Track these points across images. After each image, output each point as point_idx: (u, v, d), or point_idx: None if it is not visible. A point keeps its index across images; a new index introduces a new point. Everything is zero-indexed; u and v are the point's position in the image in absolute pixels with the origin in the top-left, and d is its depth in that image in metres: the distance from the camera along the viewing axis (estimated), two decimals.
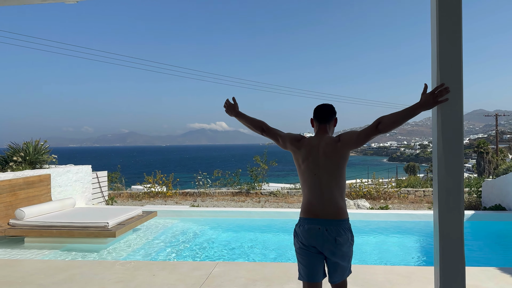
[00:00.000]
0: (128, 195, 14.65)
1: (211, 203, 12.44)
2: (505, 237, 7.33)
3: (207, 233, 7.54)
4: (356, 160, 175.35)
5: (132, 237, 7.09)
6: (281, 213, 8.60)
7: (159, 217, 8.46)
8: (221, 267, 4.77)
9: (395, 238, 7.11)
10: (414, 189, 15.03)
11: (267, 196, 14.01)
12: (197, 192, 14.63)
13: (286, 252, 6.11)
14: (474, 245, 6.80)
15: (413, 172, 69.14)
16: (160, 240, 6.84)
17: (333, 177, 2.54)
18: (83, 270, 4.81)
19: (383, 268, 4.68)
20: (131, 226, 7.03)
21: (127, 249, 6.29)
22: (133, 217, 7.53)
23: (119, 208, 8.06)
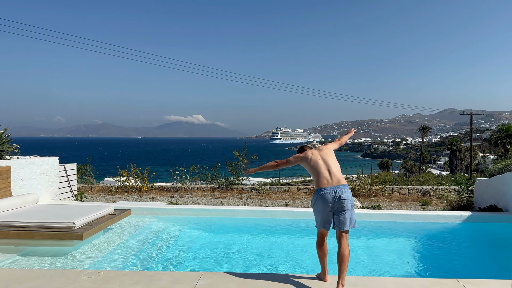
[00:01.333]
0: (99, 189, 13.71)
1: (190, 199, 11.69)
2: (508, 240, 6.93)
3: (188, 235, 6.81)
4: None
5: (102, 239, 6.29)
6: (267, 212, 7.96)
7: (133, 215, 7.68)
8: (206, 280, 4.09)
9: (390, 241, 6.60)
10: (399, 187, 14.71)
11: (249, 192, 13.35)
12: (174, 187, 13.83)
13: (277, 257, 5.48)
14: (474, 249, 6.36)
15: (386, 168, 70.18)
16: (134, 244, 6.08)
17: (332, 159, 4.15)
18: (41, 283, 4.04)
19: (393, 281, 4.11)
20: (101, 226, 6.24)
21: (95, 255, 5.50)
22: (104, 216, 6.73)
23: (88, 206, 7.23)
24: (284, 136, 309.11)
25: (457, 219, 7.75)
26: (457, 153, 64.42)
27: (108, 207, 6.94)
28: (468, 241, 6.81)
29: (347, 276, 4.16)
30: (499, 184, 8.38)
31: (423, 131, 74.88)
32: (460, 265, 5.47)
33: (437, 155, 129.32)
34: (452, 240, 6.78)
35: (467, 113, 50.15)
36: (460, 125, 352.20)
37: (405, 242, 6.53)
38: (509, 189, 7.98)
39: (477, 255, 6.03)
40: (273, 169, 4.46)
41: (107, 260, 5.31)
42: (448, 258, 5.83)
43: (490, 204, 8.56)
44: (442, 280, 4.20)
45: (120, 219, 6.97)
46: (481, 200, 9.12)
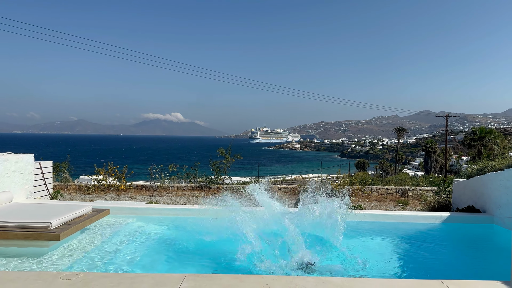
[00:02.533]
0: (76, 187, 13.37)
1: (169, 199, 11.51)
2: (486, 241, 7.09)
3: (169, 235, 6.66)
4: (309, 155, 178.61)
5: (80, 240, 6.09)
6: (247, 212, 7.86)
7: (112, 215, 7.47)
8: (190, 282, 3.98)
9: (373, 241, 6.63)
10: (378, 187, 14.89)
11: (230, 191, 13.26)
12: (153, 186, 13.61)
13: (261, 259, 5.41)
14: (455, 250, 6.46)
15: (363, 168, 71.29)
16: (114, 244, 5.90)
17: None
18: (16, 286, 3.85)
19: (380, 282, 4.10)
20: (79, 226, 6.04)
21: (73, 256, 5.31)
22: (81, 215, 6.52)
23: (65, 205, 6.99)
24: (263, 136, 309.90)
25: (436, 219, 7.86)
26: (432, 155, 65.97)
27: (86, 207, 6.73)
28: (448, 242, 6.93)
29: (332, 277, 4.13)
30: (477, 186, 8.55)
31: (399, 132, 76.34)
32: (442, 265, 5.54)
33: (412, 156, 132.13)
34: (433, 240, 6.88)
35: (442, 115, 51.34)
36: (435, 127, 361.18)
37: (387, 243, 6.58)
38: (486, 190, 8.15)
39: (458, 256, 6.13)
40: None
41: (85, 261, 5.13)
42: (430, 258, 5.90)
43: (468, 205, 8.73)
44: (426, 282, 4.22)
45: (98, 219, 6.77)
46: (459, 201, 9.30)
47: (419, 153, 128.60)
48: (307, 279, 4.19)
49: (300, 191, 13.06)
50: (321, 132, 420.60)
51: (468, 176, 9.27)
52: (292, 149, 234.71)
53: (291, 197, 12.48)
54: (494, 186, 7.87)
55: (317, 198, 9.66)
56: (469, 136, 48.26)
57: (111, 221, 7.19)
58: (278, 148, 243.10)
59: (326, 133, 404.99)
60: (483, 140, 43.96)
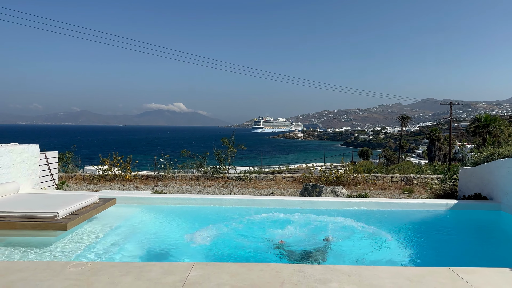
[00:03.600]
0: (81, 178, 13.42)
1: (174, 188, 11.54)
2: (493, 228, 7.06)
3: (175, 224, 6.68)
4: (313, 144, 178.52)
5: (87, 229, 6.11)
6: (255, 201, 7.87)
7: (118, 205, 7.48)
8: (198, 270, 3.98)
9: (380, 229, 6.60)
10: (382, 175, 14.86)
11: (234, 180, 13.27)
12: (158, 175, 13.64)
13: (267, 248, 5.42)
14: (462, 238, 6.43)
15: (366, 157, 71.20)
16: (121, 234, 5.91)
17: None
18: (25, 275, 3.86)
19: (388, 270, 4.08)
20: (85, 216, 6.05)
21: (81, 245, 5.33)
22: (88, 205, 6.53)
23: (71, 195, 7.03)
24: (266, 125, 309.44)
25: (443, 207, 7.83)
26: (436, 142, 65.73)
27: (92, 196, 6.73)
28: (455, 229, 6.90)
29: (340, 266, 4.12)
30: (484, 173, 8.49)
31: (403, 120, 75.98)
32: (450, 253, 5.52)
33: (415, 144, 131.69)
34: (440, 228, 6.85)
35: (446, 103, 50.98)
36: (439, 114, 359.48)
37: (394, 230, 6.55)
38: (493, 177, 8.10)
39: (465, 243, 6.10)
40: None
41: (93, 251, 5.14)
42: (438, 246, 5.88)
43: (475, 192, 8.69)
44: (435, 269, 4.20)
45: (104, 208, 6.78)
46: (466, 189, 9.25)
47: (422, 141, 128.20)
48: (315, 267, 4.18)
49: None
50: (324, 121, 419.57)
51: (475, 163, 9.21)
52: (295, 138, 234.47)
53: (296, 186, 12.49)
54: (502, 173, 7.82)
55: (321, 187, 9.66)
56: (474, 124, 47.93)
57: (118, 210, 7.20)
58: (281, 137, 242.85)
59: (329, 122, 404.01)
60: (488, 127, 43.69)
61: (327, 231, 6.56)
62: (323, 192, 9.09)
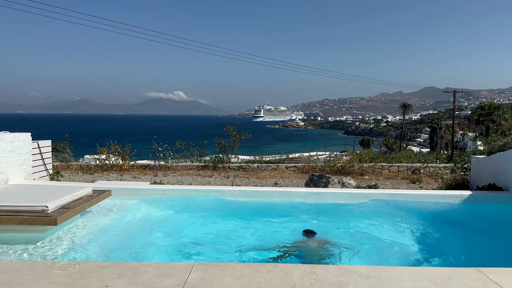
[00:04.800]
0: (78, 167, 13.01)
1: (174, 179, 11.12)
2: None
3: (174, 218, 6.25)
4: (313, 133, 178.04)
5: (78, 224, 5.69)
6: (259, 193, 7.43)
7: (113, 196, 7.05)
8: (198, 272, 3.57)
9: (394, 223, 6.20)
10: (389, 164, 14.44)
11: (236, 170, 12.85)
12: (157, 165, 13.22)
13: (274, 245, 5.00)
14: (482, 232, 6.01)
15: (367, 146, 70.81)
16: (115, 229, 5.49)
17: None
18: (7, 278, 3.45)
19: (409, 271, 3.67)
20: (77, 210, 5.63)
21: (71, 242, 4.91)
22: (81, 197, 6.11)
23: (63, 186, 6.59)
24: (267, 114, 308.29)
25: (457, 198, 7.41)
26: (438, 131, 65.24)
27: (85, 188, 6.31)
28: (471, 223, 6.46)
29: (356, 266, 3.72)
30: (499, 162, 8.06)
31: (404, 108, 75.40)
32: (473, 249, 5.11)
33: (417, 133, 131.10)
34: (455, 221, 6.43)
35: (448, 91, 50.30)
36: (440, 103, 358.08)
37: (408, 224, 6.15)
38: (510, 167, 7.66)
39: (487, 238, 5.68)
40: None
41: (84, 249, 4.73)
42: (456, 241, 5.47)
43: (489, 183, 8.26)
44: (461, 270, 3.79)
45: (99, 201, 6.35)
46: (479, 179, 8.83)
47: (423, 129, 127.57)
48: (328, 268, 3.78)
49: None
50: (325, 109, 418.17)
51: (489, 152, 8.76)
52: (295, 127, 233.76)
53: (300, 176, 12.07)
54: None
55: (328, 178, 9.24)
56: (477, 112, 47.37)
57: (113, 203, 6.78)
58: (281, 126, 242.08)
59: (330, 111, 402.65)
60: (492, 115, 43.15)
61: (335, 224, 6.17)
62: (330, 183, 8.67)
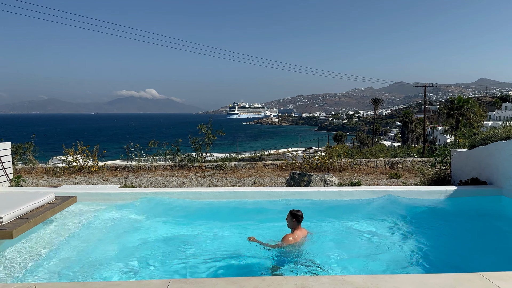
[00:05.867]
0: (43, 170, 12.19)
1: (147, 180, 10.52)
2: (498, 215, 6.45)
3: (147, 226, 5.70)
4: (288, 130, 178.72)
5: (38, 237, 5.09)
6: (238, 194, 7.00)
7: (79, 202, 6.45)
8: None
9: (383, 224, 5.88)
10: (367, 160, 14.28)
11: (213, 170, 12.35)
12: (129, 166, 12.55)
13: (260, 254, 4.56)
14: (474, 230, 5.77)
15: (340, 141, 71.51)
16: (80, 242, 4.92)
17: None
18: None
19: (410, 280, 3.33)
20: (37, 220, 5.04)
21: (28, 259, 4.33)
22: (42, 205, 5.51)
23: (22, 193, 5.95)
24: (241, 111, 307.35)
25: (442, 194, 7.20)
26: (409, 125, 66.46)
27: (47, 195, 5.71)
28: (458, 219, 6.22)
29: (352, 276, 3.35)
30: (482, 156, 7.91)
31: (376, 104, 76.53)
32: (467, 247, 4.83)
33: (388, 127, 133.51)
34: (447, 220, 6.17)
35: (418, 85, 51.18)
36: (409, 98, 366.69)
37: (396, 222, 5.86)
38: (493, 160, 7.52)
39: (470, 234, 5.44)
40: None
41: (43, 266, 4.15)
42: (450, 241, 5.20)
43: (472, 177, 8.11)
44: (463, 276, 3.48)
45: (62, 208, 5.77)
46: (461, 173, 8.68)
47: (394, 124, 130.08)
48: (321, 280, 3.39)
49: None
50: (299, 106, 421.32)
51: (471, 146, 8.62)
52: (270, 124, 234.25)
53: (279, 174, 11.70)
54: (503, 155, 7.23)
55: (310, 176, 8.89)
56: (447, 106, 48.38)
57: (79, 210, 6.18)
58: (256, 123, 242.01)
59: (304, 107, 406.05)
60: (461, 109, 44.09)
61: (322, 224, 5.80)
62: (312, 181, 8.32)
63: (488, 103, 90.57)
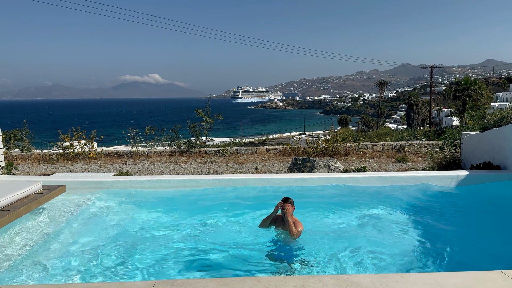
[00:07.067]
0: (40, 157, 11.89)
1: (145, 167, 10.18)
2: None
3: (141, 218, 5.33)
4: (292, 113, 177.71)
5: (21, 230, 4.76)
6: (238, 181, 6.63)
7: (70, 192, 6.12)
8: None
9: (393, 213, 5.49)
10: (372, 143, 13.85)
11: (213, 155, 11.98)
12: (127, 152, 12.21)
13: (258, 250, 4.21)
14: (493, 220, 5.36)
15: (345, 124, 70.88)
16: (66, 236, 4.57)
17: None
18: None
19: (423, 279, 2.97)
20: (20, 212, 4.71)
21: (8, 257, 4.00)
22: (27, 196, 5.19)
23: (7, 183, 5.63)
24: (245, 95, 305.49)
25: (453, 179, 6.79)
26: (414, 107, 65.57)
27: (33, 184, 5.37)
28: (479, 209, 5.77)
29: (358, 276, 3.00)
30: (496, 139, 7.47)
31: (381, 86, 75.48)
32: (484, 243, 4.44)
33: (393, 110, 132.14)
34: (461, 208, 5.75)
35: (425, 67, 50.18)
36: (415, 80, 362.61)
37: (408, 214, 5.45)
38: (508, 143, 7.07)
39: (498, 228, 5.03)
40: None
41: (23, 265, 3.82)
42: (465, 234, 4.79)
43: (484, 161, 7.68)
44: (485, 275, 3.10)
45: (49, 199, 5.44)
46: (472, 157, 8.26)
47: (399, 106, 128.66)
48: (324, 280, 3.03)
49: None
50: (303, 89, 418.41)
51: (484, 128, 8.15)
52: (274, 108, 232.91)
53: (281, 160, 11.31)
54: None
55: (314, 162, 8.50)
56: (454, 87, 47.41)
57: (68, 200, 5.84)
58: (260, 107, 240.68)
59: (308, 91, 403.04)
60: (468, 90, 43.17)
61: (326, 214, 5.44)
62: (315, 167, 7.93)
63: (494, 85, 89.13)
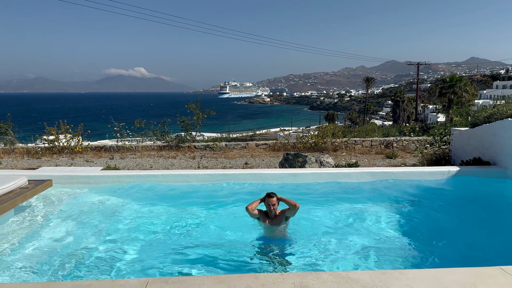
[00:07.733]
0: (24, 151, 11.58)
1: (133, 161, 9.99)
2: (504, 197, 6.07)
3: (129, 214, 5.20)
4: (280, 109, 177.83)
5: (4, 227, 4.58)
6: (229, 176, 6.53)
7: (57, 186, 5.94)
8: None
9: (386, 209, 5.47)
10: (361, 139, 13.89)
11: (202, 150, 11.84)
12: (114, 146, 11.98)
13: (252, 246, 4.12)
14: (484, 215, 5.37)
15: (332, 120, 71.23)
16: (52, 233, 4.42)
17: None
18: None
19: (422, 276, 2.93)
20: (5, 207, 4.53)
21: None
22: (12, 190, 5.00)
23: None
24: (232, 90, 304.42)
25: (444, 175, 6.82)
26: (400, 104, 66.22)
27: (18, 178, 5.18)
28: (471, 204, 5.81)
29: (357, 272, 2.94)
30: (486, 135, 7.51)
31: (368, 82, 75.94)
32: (468, 231, 4.43)
33: (379, 106, 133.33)
34: (453, 203, 5.78)
35: (411, 63, 50.66)
36: (401, 76, 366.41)
37: (399, 206, 5.46)
38: (498, 140, 7.13)
39: (491, 223, 5.05)
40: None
41: (9, 262, 3.67)
42: (453, 224, 4.80)
43: (474, 157, 7.74)
44: (484, 271, 3.09)
45: (35, 193, 5.26)
46: (462, 153, 8.30)
47: (385, 103, 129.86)
48: (322, 277, 2.97)
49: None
50: (290, 85, 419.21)
51: (473, 124, 8.21)
52: (262, 103, 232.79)
53: (271, 155, 11.24)
54: (509, 134, 6.83)
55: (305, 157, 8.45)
56: (439, 84, 47.97)
57: (55, 195, 5.67)
58: (247, 102, 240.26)
59: (295, 86, 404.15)
60: (454, 88, 43.73)
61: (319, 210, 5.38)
62: (307, 163, 7.88)
63: (478, 82, 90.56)
